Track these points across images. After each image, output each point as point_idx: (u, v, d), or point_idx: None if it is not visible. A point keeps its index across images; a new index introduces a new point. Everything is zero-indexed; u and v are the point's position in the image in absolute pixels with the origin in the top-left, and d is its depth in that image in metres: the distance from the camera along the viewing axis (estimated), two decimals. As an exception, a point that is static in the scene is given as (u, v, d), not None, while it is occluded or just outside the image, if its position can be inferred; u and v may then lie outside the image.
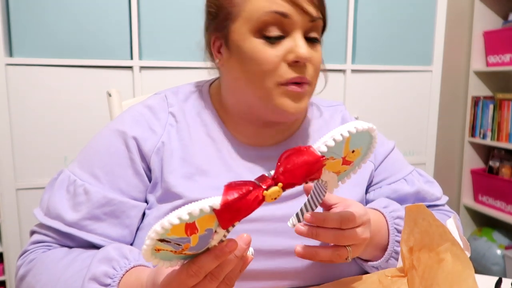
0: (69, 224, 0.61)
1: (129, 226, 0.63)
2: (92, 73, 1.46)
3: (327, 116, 0.76)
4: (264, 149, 0.69)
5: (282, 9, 0.58)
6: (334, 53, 1.72)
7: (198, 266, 0.43)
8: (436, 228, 0.53)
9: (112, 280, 0.52)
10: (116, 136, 0.65)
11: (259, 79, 0.61)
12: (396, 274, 0.61)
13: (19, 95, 1.40)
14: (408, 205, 0.57)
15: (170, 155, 0.65)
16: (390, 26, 1.78)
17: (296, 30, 0.60)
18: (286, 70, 0.61)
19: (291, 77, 0.61)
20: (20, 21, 1.38)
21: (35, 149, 1.43)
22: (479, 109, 2.31)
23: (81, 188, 0.62)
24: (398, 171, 0.75)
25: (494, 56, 2.22)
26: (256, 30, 0.60)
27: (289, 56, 0.60)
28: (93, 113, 1.47)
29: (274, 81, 0.61)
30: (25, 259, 0.62)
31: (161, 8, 1.48)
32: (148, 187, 0.65)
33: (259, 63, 0.60)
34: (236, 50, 0.62)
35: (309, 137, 0.72)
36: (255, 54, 0.60)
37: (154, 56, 1.51)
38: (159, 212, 0.62)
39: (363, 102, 1.80)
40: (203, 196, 0.62)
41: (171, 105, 0.69)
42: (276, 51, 0.60)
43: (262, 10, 0.59)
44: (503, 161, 2.26)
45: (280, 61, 0.60)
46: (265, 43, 0.60)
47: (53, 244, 0.62)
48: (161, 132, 0.66)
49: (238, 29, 0.61)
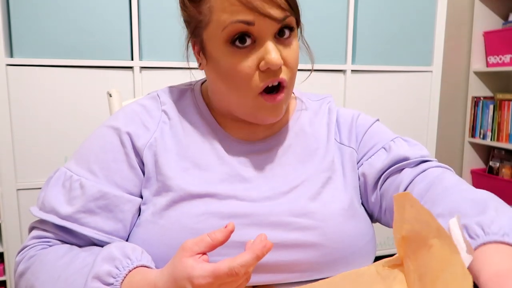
0: (63, 217, 0.61)
1: (122, 221, 0.63)
2: (92, 73, 1.46)
3: (315, 108, 0.77)
4: (255, 143, 0.71)
5: (246, 17, 0.58)
6: (334, 53, 1.72)
7: (241, 265, 0.46)
8: (424, 215, 0.53)
9: (115, 279, 0.53)
10: (110, 133, 0.67)
11: (237, 90, 0.63)
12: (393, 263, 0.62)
13: (19, 96, 1.40)
14: (396, 194, 0.55)
15: (164, 150, 0.66)
16: (390, 27, 1.78)
17: (265, 35, 0.60)
18: (261, 78, 0.61)
19: (266, 82, 0.61)
20: (21, 22, 1.38)
21: (35, 149, 1.43)
22: (479, 110, 2.31)
23: (77, 182, 0.63)
24: (378, 142, 0.72)
25: (494, 56, 2.22)
26: (225, 39, 0.60)
27: (262, 64, 0.60)
28: (93, 113, 1.47)
29: (251, 92, 0.62)
30: (25, 254, 0.62)
31: (162, 9, 1.49)
32: (142, 182, 0.67)
33: (236, 73, 0.61)
34: (212, 60, 0.64)
35: (299, 129, 0.73)
36: (231, 66, 0.61)
37: (155, 56, 1.51)
38: (156, 208, 0.63)
39: (363, 102, 1.80)
40: (199, 189, 0.64)
41: (164, 104, 0.71)
42: (248, 62, 0.60)
43: (228, 21, 0.58)
44: (503, 162, 2.26)
45: (254, 71, 0.61)
46: (237, 52, 0.60)
47: (52, 240, 0.63)
48: (154, 129, 0.68)
49: (211, 38, 0.62)
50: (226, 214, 0.62)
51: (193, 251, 0.49)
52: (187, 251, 0.49)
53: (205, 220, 0.61)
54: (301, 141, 0.72)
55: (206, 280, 0.46)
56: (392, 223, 0.61)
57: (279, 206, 0.64)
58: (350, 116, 0.76)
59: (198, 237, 0.50)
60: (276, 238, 0.62)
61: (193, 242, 0.50)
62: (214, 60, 0.63)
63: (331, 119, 0.75)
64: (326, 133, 0.74)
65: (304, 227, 0.63)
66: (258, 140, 0.71)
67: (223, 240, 0.51)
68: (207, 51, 0.64)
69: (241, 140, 0.70)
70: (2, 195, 1.42)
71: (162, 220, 0.62)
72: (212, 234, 0.50)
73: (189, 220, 0.61)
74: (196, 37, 0.65)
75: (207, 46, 0.63)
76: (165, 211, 0.62)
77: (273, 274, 0.62)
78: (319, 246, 0.63)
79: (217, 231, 0.51)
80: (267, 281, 0.63)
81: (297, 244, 0.62)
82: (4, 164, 1.40)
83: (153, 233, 0.62)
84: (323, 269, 0.64)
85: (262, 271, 0.62)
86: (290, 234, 0.62)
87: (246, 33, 0.59)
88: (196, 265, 0.48)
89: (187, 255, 0.49)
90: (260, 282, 0.62)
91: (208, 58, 0.64)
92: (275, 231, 0.62)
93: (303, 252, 0.62)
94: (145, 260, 0.56)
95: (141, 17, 1.48)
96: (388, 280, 0.59)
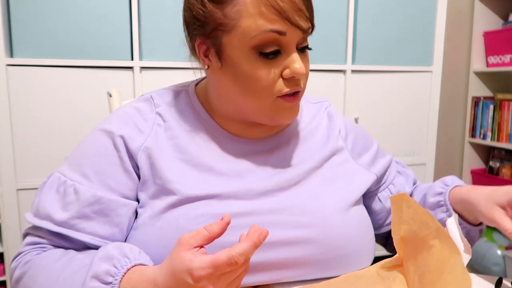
0: (58, 224, 0.61)
1: (118, 225, 0.63)
2: (92, 73, 1.46)
3: (314, 111, 0.79)
4: (255, 143, 0.70)
5: (280, 27, 0.58)
6: (334, 53, 1.72)
7: (240, 254, 0.46)
8: (422, 215, 0.53)
9: (113, 278, 0.53)
10: (104, 136, 0.66)
11: (255, 94, 0.62)
12: (393, 264, 0.62)
13: (19, 96, 1.40)
14: (392, 195, 0.59)
15: (159, 153, 0.65)
16: (390, 27, 1.79)
17: (291, 45, 0.61)
18: (283, 85, 0.62)
19: (288, 90, 0.62)
20: (21, 22, 1.38)
21: (35, 150, 1.43)
22: (479, 110, 2.31)
23: (71, 188, 0.62)
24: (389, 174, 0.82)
25: (494, 56, 2.22)
26: (252, 47, 0.60)
27: (286, 72, 0.61)
28: (93, 113, 1.47)
29: (272, 96, 0.63)
30: (20, 260, 0.62)
31: (162, 9, 1.49)
32: (137, 185, 0.66)
33: (258, 80, 0.61)
34: (231, 64, 0.62)
35: (299, 130, 0.74)
36: (253, 72, 0.61)
37: (155, 56, 1.51)
38: (153, 211, 0.63)
39: (363, 102, 1.80)
40: (197, 191, 0.63)
41: (158, 106, 0.70)
42: (273, 68, 0.61)
43: (259, 29, 0.58)
44: (503, 162, 2.26)
45: (277, 79, 0.62)
46: (262, 59, 0.60)
47: (47, 246, 0.63)
48: (149, 132, 0.67)
49: (233, 43, 0.60)
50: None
51: (190, 245, 0.49)
52: (184, 245, 0.50)
53: (204, 221, 0.60)
54: (301, 141, 0.73)
55: (206, 271, 0.47)
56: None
57: (279, 204, 0.65)
58: (355, 128, 0.81)
59: (195, 231, 0.51)
60: (276, 236, 0.62)
61: (189, 235, 0.50)
62: (234, 65, 0.62)
63: (332, 123, 0.77)
64: (326, 135, 0.75)
65: (304, 225, 0.64)
66: (258, 140, 0.71)
67: (220, 232, 0.51)
68: (226, 55, 0.62)
69: (241, 140, 0.70)
70: (2, 195, 1.42)
71: (160, 223, 0.62)
72: (208, 227, 0.50)
73: (188, 222, 0.61)
74: (208, 38, 0.63)
75: (226, 50, 0.61)
76: (163, 214, 0.62)
77: (273, 272, 0.63)
78: (318, 243, 0.63)
79: (214, 223, 0.51)
80: (267, 280, 0.63)
81: (297, 242, 0.63)
82: (4, 164, 1.40)
83: (151, 235, 0.62)
84: (323, 267, 0.64)
85: (262, 270, 0.62)
86: (290, 232, 0.63)
87: (275, 41, 0.60)
88: (195, 258, 0.48)
89: (185, 249, 0.49)
90: (261, 281, 0.62)
91: (224, 62, 0.63)
92: (275, 229, 0.62)
93: (303, 250, 0.63)
94: (143, 259, 0.56)
95: (141, 17, 1.48)
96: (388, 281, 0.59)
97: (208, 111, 0.71)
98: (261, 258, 0.61)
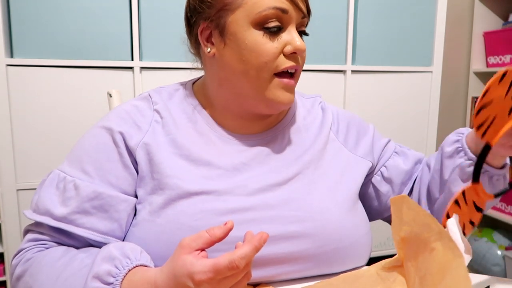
0: (58, 219, 0.61)
1: (118, 220, 0.64)
2: (92, 73, 1.46)
3: (308, 106, 0.81)
4: (251, 137, 0.72)
5: (283, 5, 0.64)
6: (334, 53, 1.72)
7: (241, 258, 0.46)
8: (424, 217, 0.53)
9: (115, 279, 0.53)
10: (103, 133, 0.67)
11: (256, 70, 0.65)
12: (393, 265, 0.62)
13: (19, 96, 1.40)
14: (392, 197, 0.60)
15: (158, 149, 0.66)
16: (390, 27, 1.78)
17: (291, 24, 0.66)
18: (283, 61, 0.66)
19: (288, 66, 0.66)
20: (21, 22, 1.38)
21: (35, 150, 1.43)
22: (479, 110, 2.31)
23: (71, 184, 0.63)
24: (387, 151, 0.83)
25: (494, 56, 2.22)
26: (257, 22, 0.64)
27: (287, 48, 0.65)
28: (94, 113, 1.47)
29: (271, 72, 0.65)
30: (21, 257, 0.62)
31: (162, 9, 1.48)
32: (136, 181, 0.67)
33: (260, 54, 0.64)
34: (234, 40, 0.65)
35: (294, 124, 0.76)
36: (257, 46, 0.64)
37: (155, 57, 1.51)
38: (152, 207, 0.63)
39: (363, 102, 1.80)
40: (195, 186, 0.64)
41: (156, 103, 0.72)
42: (275, 44, 0.65)
43: (265, 5, 0.63)
44: (503, 162, 2.26)
45: (279, 52, 0.65)
46: (264, 34, 0.64)
47: (48, 242, 0.63)
48: (147, 128, 0.68)
49: (238, 20, 0.64)
50: (224, 210, 0.62)
51: (191, 248, 0.50)
52: (186, 248, 0.50)
53: (203, 217, 0.61)
54: (297, 136, 0.74)
55: (207, 276, 0.47)
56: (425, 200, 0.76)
57: (276, 200, 0.65)
58: (348, 118, 0.82)
59: (196, 234, 0.51)
60: (274, 231, 0.62)
61: (191, 239, 0.50)
62: (237, 40, 0.64)
63: (325, 117, 0.78)
64: (320, 129, 0.76)
65: (301, 220, 0.64)
66: (254, 134, 0.72)
67: (222, 237, 0.51)
68: (229, 33, 0.65)
69: (237, 135, 0.71)
70: (2, 195, 1.42)
71: (159, 219, 0.62)
72: (210, 231, 0.51)
73: (187, 218, 0.61)
74: (212, 21, 0.66)
75: (230, 28, 0.65)
76: (162, 210, 0.62)
77: (271, 267, 0.63)
78: (316, 237, 0.64)
79: (216, 227, 0.51)
80: (265, 275, 0.63)
81: (295, 236, 0.63)
82: (4, 164, 1.40)
83: (151, 232, 0.62)
84: (321, 261, 0.65)
85: (261, 265, 0.62)
86: (287, 227, 0.63)
87: (278, 18, 0.64)
88: (196, 261, 0.48)
89: (186, 252, 0.49)
90: (259, 277, 0.63)
91: (228, 39, 0.65)
92: (272, 224, 0.63)
93: (301, 244, 0.63)
94: (144, 259, 0.56)
95: (141, 17, 1.48)
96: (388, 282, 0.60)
97: (205, 107, 0.72)
98: (259, 254, 0.61)
